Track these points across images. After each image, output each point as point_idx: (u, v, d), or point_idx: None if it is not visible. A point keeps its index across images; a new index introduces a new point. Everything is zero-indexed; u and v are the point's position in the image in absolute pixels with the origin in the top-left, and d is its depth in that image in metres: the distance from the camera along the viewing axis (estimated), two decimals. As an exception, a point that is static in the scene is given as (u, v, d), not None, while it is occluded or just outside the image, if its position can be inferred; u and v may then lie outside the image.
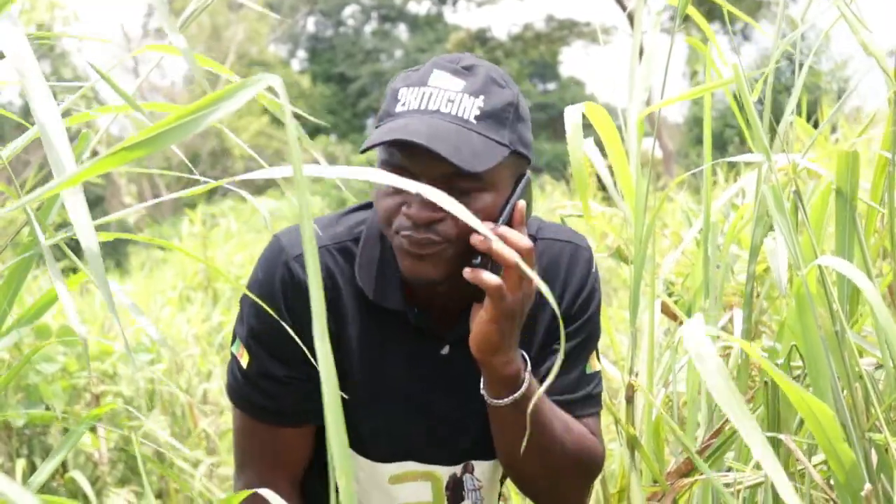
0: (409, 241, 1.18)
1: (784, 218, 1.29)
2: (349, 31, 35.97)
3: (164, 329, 4.90)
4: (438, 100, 1.18)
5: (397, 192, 1.20)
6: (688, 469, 1.51)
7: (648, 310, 1.64)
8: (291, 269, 1.27)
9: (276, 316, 1.14)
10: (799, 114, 1.56)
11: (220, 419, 4.24)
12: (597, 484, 1.67)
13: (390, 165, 1.19)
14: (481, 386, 1.26)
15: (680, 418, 1.69)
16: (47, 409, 3.15)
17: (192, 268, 6.77)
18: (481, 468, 1.40)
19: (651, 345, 1.60)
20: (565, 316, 1.35)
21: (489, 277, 1.17)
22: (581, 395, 1.36)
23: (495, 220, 1.20)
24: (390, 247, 1.28)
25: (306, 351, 1.20)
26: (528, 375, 1.25)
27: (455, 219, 1.17)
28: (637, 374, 1.58)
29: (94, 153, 1.12)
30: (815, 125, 3.84)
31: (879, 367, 1.39)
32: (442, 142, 1.14)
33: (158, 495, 3.47)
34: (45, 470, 1.10)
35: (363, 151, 1.19)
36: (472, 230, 1.17)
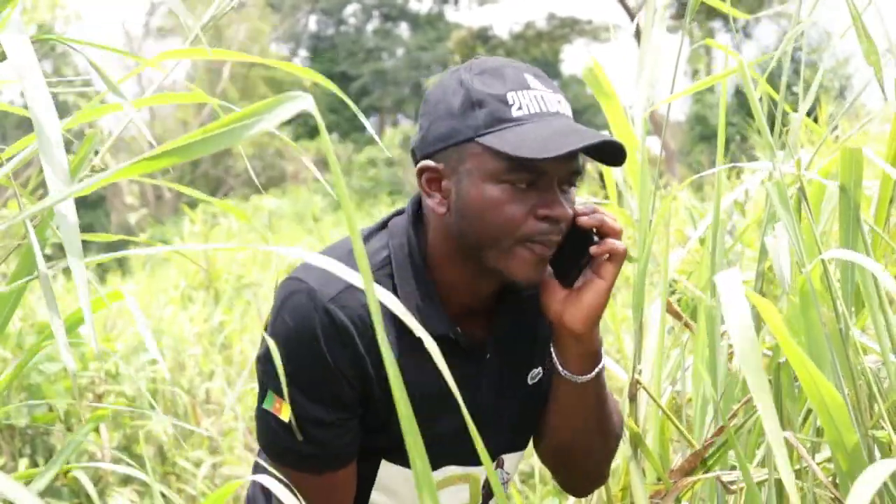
0: (551, 243, 1.18)
1: (789, 214, 1.29)
2: (350, 29, 35.96)
3: (166, 328, 4.90)
4: (551, 102, 1.19)
5: (522, 197, 1.17)
6: (691, 467, 1.50)
7: (658, 307, 1.64)
8: (331, 313, 1.19)
9: (304, 355, 1.14)
10: (796, 110, 1.56)
11: (223, 419, 4.24)
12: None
13: (518, 170, 1.16)
14: (560, 369, 1.28)
15: (686, 418, 1.69)
16: (50, 409, 3.16)
17: (193, 267, 6.75)
18: (510, 461, 1.41)
19: (661, 343, 1.59)
20: None
21: (617, 244, 1.21)
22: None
23: None
24: (421, 275, 1.25)
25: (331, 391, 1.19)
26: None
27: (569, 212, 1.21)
28: (640, 372, 1.58)
29: (95, 152, 1.12)
30: (814, 122, 3.83)
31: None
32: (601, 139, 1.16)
33: (161, 494, 3.47)
34: (48, 475, 1.10)
35: (543, 160, 1.14)
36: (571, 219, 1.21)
